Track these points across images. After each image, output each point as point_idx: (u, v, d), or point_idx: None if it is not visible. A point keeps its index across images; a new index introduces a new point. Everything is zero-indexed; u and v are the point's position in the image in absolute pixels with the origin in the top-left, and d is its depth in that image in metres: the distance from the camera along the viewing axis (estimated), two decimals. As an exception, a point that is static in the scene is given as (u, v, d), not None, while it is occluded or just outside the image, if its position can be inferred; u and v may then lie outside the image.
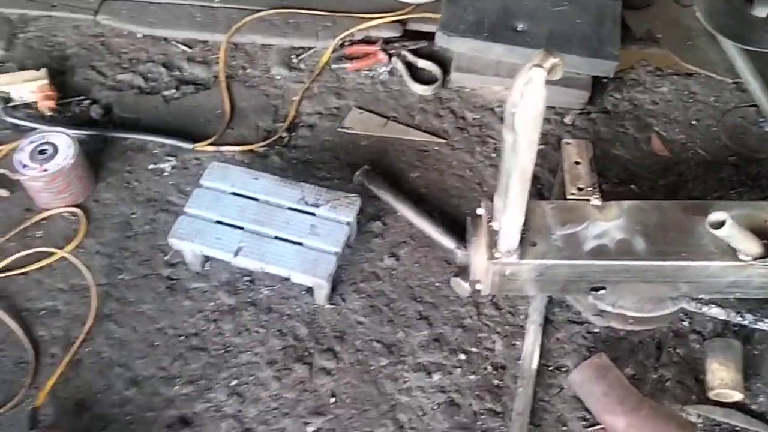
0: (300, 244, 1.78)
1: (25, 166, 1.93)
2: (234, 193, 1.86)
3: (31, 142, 1.97)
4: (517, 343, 1.76)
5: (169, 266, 1.91)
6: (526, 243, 1.60)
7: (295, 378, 1.72)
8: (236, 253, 1.76)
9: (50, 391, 1.68)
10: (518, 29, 2.19)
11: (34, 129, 2.11)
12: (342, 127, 2.19)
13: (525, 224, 1.55)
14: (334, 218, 1.82)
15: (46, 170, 1.92)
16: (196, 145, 2.13)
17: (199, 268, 1.89)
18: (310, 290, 1.84)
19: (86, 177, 2.03)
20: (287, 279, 1.84)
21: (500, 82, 2.21)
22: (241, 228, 1.80)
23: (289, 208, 1.84)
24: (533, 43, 2.14)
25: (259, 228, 1.80)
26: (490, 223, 1.62)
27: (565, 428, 1.64)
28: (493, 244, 1.60)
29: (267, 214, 1.82)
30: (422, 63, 2.32)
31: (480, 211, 1.66)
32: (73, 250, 1.91)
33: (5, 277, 1.87)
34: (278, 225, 1.80)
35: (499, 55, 2.18)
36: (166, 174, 2.09)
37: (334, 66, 2.33)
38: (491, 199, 1.61)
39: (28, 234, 1.97)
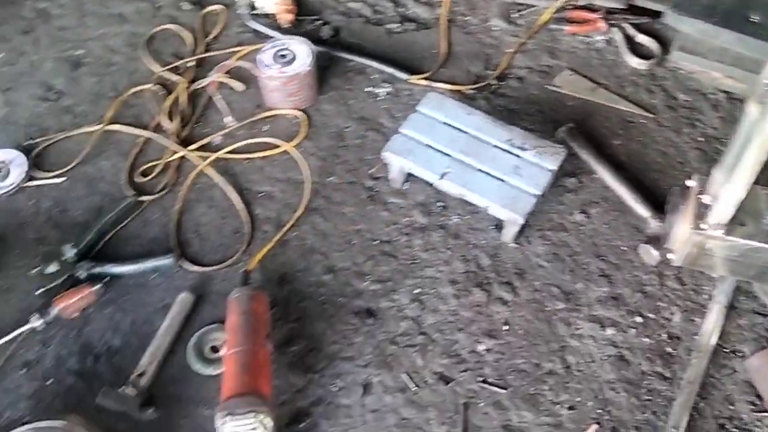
0: (502, 180, 1.88)
1: (266, 65, 2.17)
2: (446, 123, 1.99)
3: (274, 45, 2.21)
4: (696, 319, 1.78)
5: (372, 179, 2.08)
6: (734, 222, 1.61)
7: (473, 301, 1.85)
8: (442, 176, 1.89)
9: (260, 261, 1.92)
10: (752, 20, 2.14)
11: (271, 37, 2.36)
12: (551, 85, 2.26)
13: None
14: (538, 164, 1.90)
15: (284, 72, 2.14)
16: (411, 77, 2.28)
17: (399, 186, 2.05)
18: (497, 227, 1.95)
19: (314, 86, 2.23)
20: (477, 212, 1.97)
21: (722, 69, 2.19)
22: (449, 156, 1.93)
23: (496, 147, 1.94)
24: (767, 36, 2.09)
25: (465, 158, 1.92)
26: (699, 196, 1.65)
27: (732, 407, 1.66)
28: (700, 216, 1.63)
29: (474, 147, 1.94)
30: (641, 38, 2.33)
31: (690, 182, 1.69)
32: (294, 147, 2.14)
33: (233, 158, 2.13)
34: (484, 159, 1.91)
35: (727, 43, 2.14)
36: (380, 98, 2.27)
37: (552, 26, 2.39)
38: (700, 176, 1.64)
39: (255, 127, 2.21)
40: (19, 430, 1.53)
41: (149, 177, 2.09)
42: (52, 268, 1.88)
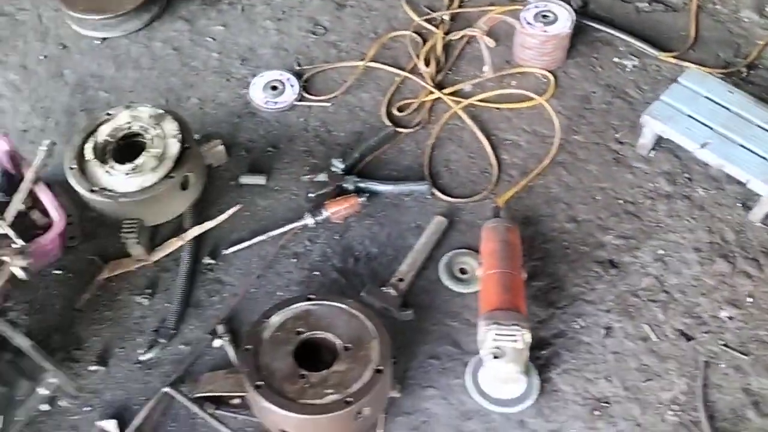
0: (764, 158, 1.90)
1: (528, 23, 2.29)
2: (707, 98, 2.04)
3: (537, 6, 2.32)
4: None
5: (618, 143, 2.16)
6: None
7: (717, 270, 1.89)
8: (702, 146, 1.95)
9: (506, 201, 2.05)
10: None
11: (528, 2, 2.47)
12: (805, 80, 2.25)
13: None
14: (802, 148, 1.92)
15: (545, 31, 2.26)
16: (662, 53, 2.34)
17: (644, 152, 2.11)
18: (744, 205, 1.98)
19: (565, 49, 2.33)
20: (723, 188, 2.01)
21: None
22: (710, 128, 1.98)
23: (758, 126, 1.96)
24: None
25: (726, 132, 1.96)
26: None
27: None
28: None
29: (735, 123, 1.97)
30: None
31: None
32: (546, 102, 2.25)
33: (483, 106, 2.27)
34: (745, 136, 1.94)
35: None
36: (627, 70, 2.33)
37: (809, 24, 2.38)
38: None
39: (503, 80, 2.34)
40: (307, 303, 1.73)
41: (404, 113, 2.27)
42: (322, 177, 2.09)
